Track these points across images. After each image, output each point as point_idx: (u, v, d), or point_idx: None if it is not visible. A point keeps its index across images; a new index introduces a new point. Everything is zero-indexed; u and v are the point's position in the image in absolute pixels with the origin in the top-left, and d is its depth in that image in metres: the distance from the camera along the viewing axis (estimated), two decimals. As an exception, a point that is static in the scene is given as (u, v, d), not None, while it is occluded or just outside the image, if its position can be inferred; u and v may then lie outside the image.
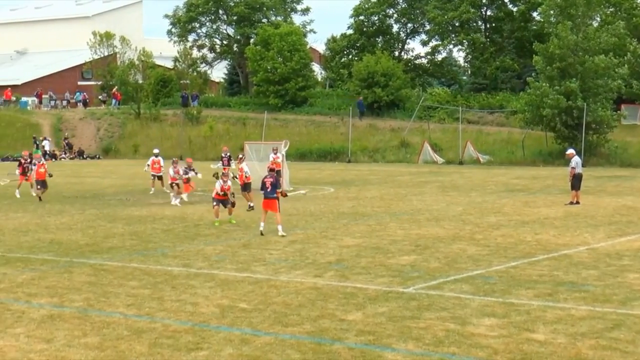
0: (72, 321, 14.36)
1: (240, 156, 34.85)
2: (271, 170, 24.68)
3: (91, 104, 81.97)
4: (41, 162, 36.21)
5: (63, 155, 69.19)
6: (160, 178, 37.97)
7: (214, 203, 26.81)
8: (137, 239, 23.84)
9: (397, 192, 36.94)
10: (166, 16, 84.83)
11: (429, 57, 79.11)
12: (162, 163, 38.11)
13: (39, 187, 34.95)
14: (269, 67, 71.27)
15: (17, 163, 39.43)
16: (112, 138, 72.55)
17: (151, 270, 18.98)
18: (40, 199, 34.50)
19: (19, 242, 23.56)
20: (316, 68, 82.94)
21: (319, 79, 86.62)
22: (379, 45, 76.14)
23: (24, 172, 37.34)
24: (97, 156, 69.15)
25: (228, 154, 40.41)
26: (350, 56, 78.08)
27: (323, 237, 23.83)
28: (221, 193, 26.72)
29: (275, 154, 37.31)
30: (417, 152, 58.60)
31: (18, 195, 35.91)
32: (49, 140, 67.47)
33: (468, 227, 25.36)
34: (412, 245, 22.02)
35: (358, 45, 76.99)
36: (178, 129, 69.36)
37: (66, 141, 70.76)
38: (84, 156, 69.31)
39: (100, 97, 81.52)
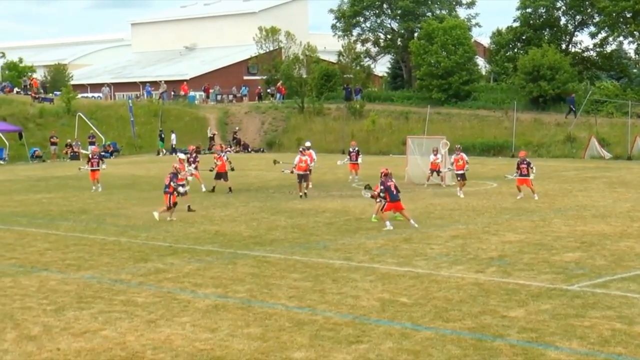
0: (235, 311, 14.64)
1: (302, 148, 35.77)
2: (386, 174, 24.90)
3: (255, 98, 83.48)
4: (220, 155, 36.23)
5: (228, 149, 70.67)
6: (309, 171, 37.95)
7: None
8: (299, 231, 24.11)
9: (561, 187, 36.09)
10: (331, 11, 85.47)
11: (597, 49, 76.90)
12: (314, 156, 38.23)
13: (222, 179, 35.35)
14: (432, 61, 70.81)
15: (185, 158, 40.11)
16: (276, 132, 73.61)
17: (313, 263, 19.16)
18: (213, 189, 35.25)
19: (186, 233, 24.20)
20: (480, 62, 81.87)
21: (483, 73, 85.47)
22: (546, 38, 74.46)
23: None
24: (262, 149, 70.33)
25: (356, 148, 40.36)
26: (515, 49, 76.68)
27: (485, 232, 23.52)
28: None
29: (435, 154, 37.06)
30: (584, 147, 57.08)
31: (204, 189, 36.18)
32: (175, 133, 68.88)
33: (636, 224, 24.52)
34: (577, 242, 21.47)
35: (524, 38, 75.49)
36: (341, 123, 69.76)
37: (235, 135, 72.28)
38: (249, 149, 70.62)
39: (268, 90, 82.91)
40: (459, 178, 33.57)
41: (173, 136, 68.09)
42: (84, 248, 21.73)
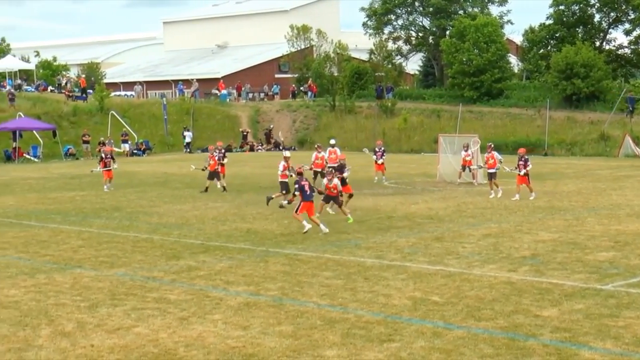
0: (267, 309, 14.66)
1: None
2: (300, 173, 24.47)
3: (287, 97, 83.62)
4: (212, 154, 36.45)
5: (259, 147, 70.86)
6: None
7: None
8: (331, 229, 24.08)
9: (595, 186, 35.85)
10: (362, 9, 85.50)
11: (632, 47, 76.26)
12: (338, 153, 38.00)
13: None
14: (464, 59, 70.58)
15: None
16: (307, 130, 73.68)
17: (344, 261, 19.15)
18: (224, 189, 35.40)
19: (218, 231, 24.27)
20: (513, 60, 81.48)
21: (516, 71, 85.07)
22: (579, 35, 73.96)
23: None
24: (293, 147, 70.39)
25: (382, 148, 39.97)
26: (548, 47, 76.21)
27: (518, 231, 23.41)
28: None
29: (466, 150, 36.92)
30: (618, 146, 56.70)
31: (218, 186, 36.48)
32: (190, 131, 69.04)
33: (671, 224, 24.32)
34: (611, 242, 21.30)
35: (557, 35, 75.02)
36: (372, 121, 69.72)
37: (268, 133, 72.46)
38: (280, 147, 70.71)
39: (302, 88, 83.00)
40: (490, 177, 33.41)
41: (188, 134, 68.43)
42: (116, 245, 21.86)
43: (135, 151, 64.35)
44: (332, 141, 38.87)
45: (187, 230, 24.29)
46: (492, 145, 34.22)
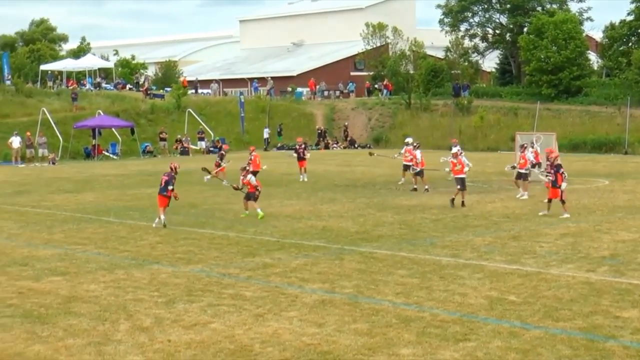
0: (342, 307, 14.67)
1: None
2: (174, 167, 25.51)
3: (362, 94, 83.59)
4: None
5: (335, 145, 70.91)
6: (408, 169, 37.51)
7: None
8: (407, 228, 24.03)
9: (677, 185, 35.14)
10: (438, 6, 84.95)
11: None
12: (416, 153, 37.70)
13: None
14: (542, 56, 69.68)
15: (294, 150, 41.13)
16: (382, 128, 73.54)
17: (420, 259, 19.08)
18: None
19: (293, 228, 24.35)
20: (592, 57, 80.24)
21: (595, 68, 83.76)
22: (661, 31, 72.56)
23: (300, 158, 39.69)
24: (368, 145, 70.34)
25: (458, 146, 39.23)
26: (629, 44, 74.87)
27: (597, 230, 23.06)
28: None
29: (532, 147, 36.40)
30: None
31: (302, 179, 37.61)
32: (268, 128, 69.29)
33: None
34: (693, 242, 20.88)
35: (638, 32, 73.70)
36: (448, 119, 69.33)
37: (345, 130, 72.54)
38: (355, 145, 70.76)
39: (376, 85, 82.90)
40: (519, 177, 32.20)
41: (266, 131, 68.73)
42: (193, 242, 22.07)
43: (211, 149, 64.89)
44: (408, 139, 38.76)
45: (263, 228, 24.41)
46: (526, 146, 33.66)
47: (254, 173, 35.23)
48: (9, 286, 16.78)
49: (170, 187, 24.95)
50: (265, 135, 68.44)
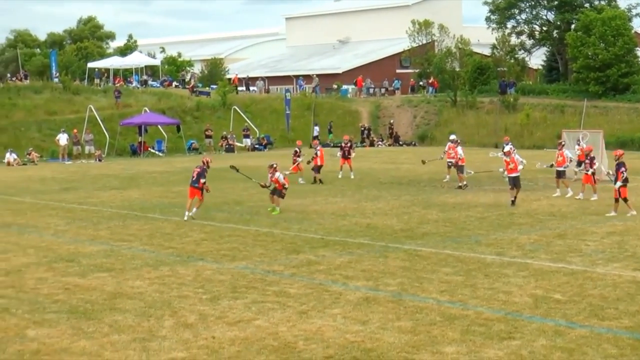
0: (386, 305, 14.65)
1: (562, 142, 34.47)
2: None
3: (407, 92, 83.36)
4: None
5: (380, 142, 70.79)
6: (451, 165, 37.33)
7: None
8: (451, 225, 23.95)
9: None
10: (485, 3, 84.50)
11: None
12: (458, 150, 37.46)
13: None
14: (589, 53, 69.06)
15: (339, 148, 41.26)
16: (428, 125, 73.31)
17: (464, 257, 19.00)
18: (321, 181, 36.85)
19: (338, 225, 24.36)
20: (641, 54, 79.40)
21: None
22: None
23: (344, 157, 39.80)
24: (413, 143, 70.18)
25: (509, 144, 38.86)
26: (680, 40, 74.04)
27: (644, 229, 22.82)
28: None
29: (579, 144, 36.10)
30: None
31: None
32: (318, 126, 69.22)
33: None
34: None
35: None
36: (494, 116, 68.91)
37: (390, 127, 72.42)
38: (400, 143, 70.61)
39: (421, 83, 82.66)
40: (558, 176, 32.04)
41: (316, 128, 68.71)
42: (238, 239, 22.15)
43: (256, 146, 65.11)
44: (452, 137, 38.56)
45: (307, 225, 24.45)
46: (563, 143, 33.31)
47: (319, 168, 36.41)
48: (55, 282, 16.96)
49: (202, 180, 25.41)
50: (315, 133, 68.47)
